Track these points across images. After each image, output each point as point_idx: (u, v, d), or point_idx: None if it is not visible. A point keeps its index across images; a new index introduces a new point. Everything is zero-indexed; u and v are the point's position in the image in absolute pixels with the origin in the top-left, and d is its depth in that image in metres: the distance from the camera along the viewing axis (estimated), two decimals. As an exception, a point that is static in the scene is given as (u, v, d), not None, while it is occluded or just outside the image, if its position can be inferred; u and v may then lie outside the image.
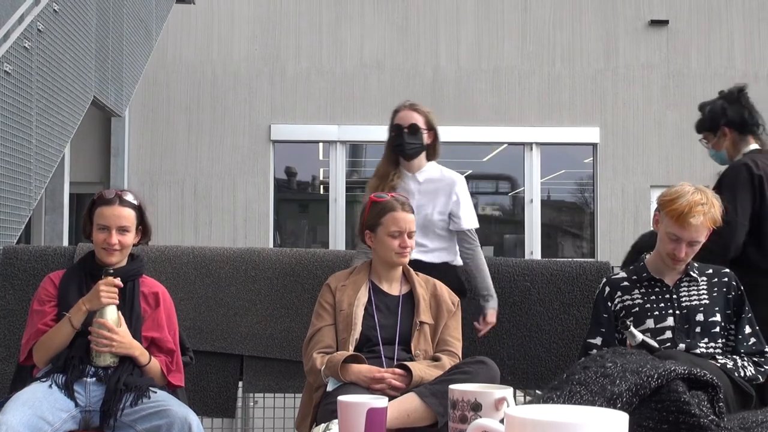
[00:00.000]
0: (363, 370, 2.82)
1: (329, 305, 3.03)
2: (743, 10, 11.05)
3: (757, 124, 3.54)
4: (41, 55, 5.35)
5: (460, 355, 3.04)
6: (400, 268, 3.11)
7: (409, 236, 3.04)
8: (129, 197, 2.98)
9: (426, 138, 3.60)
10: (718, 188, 3.40)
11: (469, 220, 3.62)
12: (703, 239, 2.97)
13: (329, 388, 2.82)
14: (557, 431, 1.15)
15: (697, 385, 1.88)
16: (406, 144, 3.56)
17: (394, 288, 3.09)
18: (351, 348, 2.92)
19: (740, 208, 3.35)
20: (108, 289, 2.80)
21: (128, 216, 2.94)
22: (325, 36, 10.82)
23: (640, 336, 2.83)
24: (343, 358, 2.82)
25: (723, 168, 3.64)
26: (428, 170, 3.64)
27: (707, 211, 2.92)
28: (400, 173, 3.59)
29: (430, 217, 3.54)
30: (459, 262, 3.66)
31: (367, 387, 2.77)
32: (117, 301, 2.84)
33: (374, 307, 3.01)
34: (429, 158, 3.66)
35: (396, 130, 3.61)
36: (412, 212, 3.09)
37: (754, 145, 3.52)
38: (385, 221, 3.05)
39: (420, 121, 3.59)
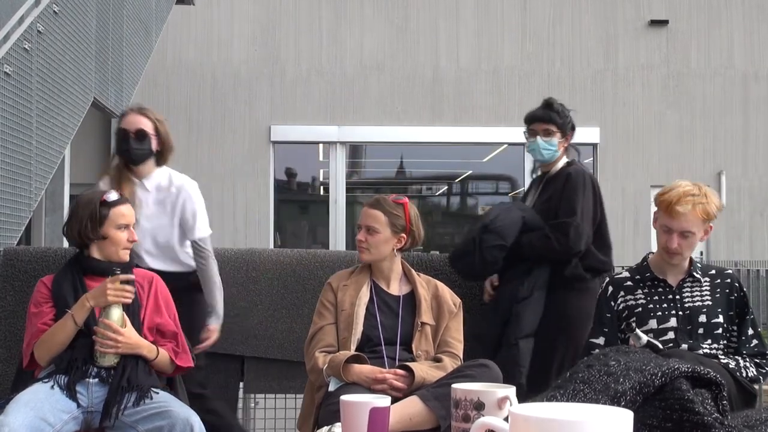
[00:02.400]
0: (365, 370, 2.81)
1: (331, 304, 3.03)
2: (743, 10, 11.05)
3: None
4: (41, 56, 5.35)
5: (461, 357, 3.04)
6: (399, 267, 3.11)
7: (368, 232, 3.03)
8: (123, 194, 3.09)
9: (154, 145, 3.53)
10: (563, 188, 3.59)
11: (199, 229, 3.57)
12: (695, 230, 2.95)
13: (331, 388, 2.82)
14: (562, 429, 1.14)
15: (700, 384, 1.88)
16: (132, 149, 3.48)
17: (394, 288, 3.09)
18: (352, 347, 2.92)
19: (585, 212, 3.53)
20: (115, 287, 2.80)
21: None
22: (324, 37, 10.82)
23: (645, 338, 2.82)
24: (345, 358, 2.82)
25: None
26: (156, 177, 3.57)
27: (698, 201, 2.92)
28: (129, 178, 3.52)
29: (161, 226, 3.51)
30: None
31: (369, 387, 2.76)
32: (128, 300, 2.84)
33: (376, 306, 3.00)
34: (159, 164, 3.59)
35: (122, 134, 3.51)
36: (381, 210, 3.07)
37: (565, 158, 3.76)
38: None
39: (148, 126, 3.52)
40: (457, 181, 12.04)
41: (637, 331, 2.84)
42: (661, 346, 2.84)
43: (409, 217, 3.09)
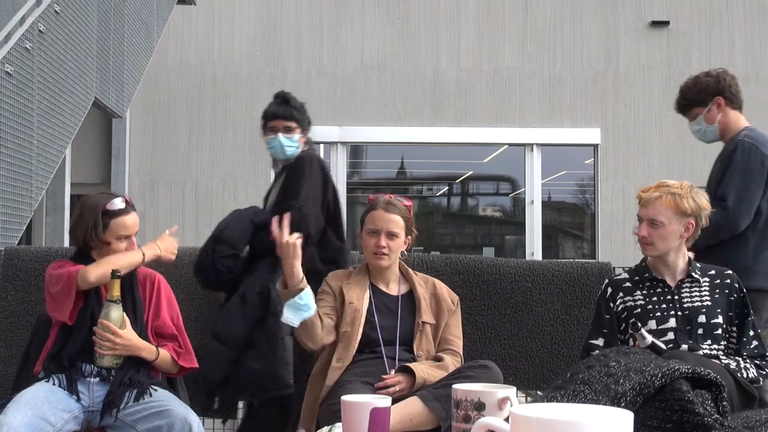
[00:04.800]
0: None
1: (329, 294, 3.01)
2: (744, 11, 11.06)
3: None
4: (42, 56, 5.35)
5: (462, 353, 3.04)
6: (397, 268, 3.10)
7: (389, 237, 2.98)
8: (130, 200, 3.02)
9: None
10: (296, 175, 3.53)
11: None
12: (663, 219, 2.94)
13: (284, 320, 2.76)
14: (562, 429, 1.14)
15: (701, 384, 1.88)
16: None
17: (392, 288, 3.08)
18: (354, 347, 2.91)
19: (310, 195, 3.48)
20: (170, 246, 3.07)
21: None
22: (325, 37, 10.83)
23: (650, 338, 2.81)
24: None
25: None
26: None
27: (669, 192, 2.94)
28: None
29: None
30: None
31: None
32: (172, 257, 3.05)
33: (375, 308, 3.00)
34: None
35: None
36: (399, 213, 3.04)
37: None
38: (367, 219, 3.04)
39: None
40: (457, 181, 12.03)
41: (642, 331, 2.83)
42: (664, 347, 2.84)
43: (412, 219, 3.10)
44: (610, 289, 3.10)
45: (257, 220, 3.53)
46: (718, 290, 3.01)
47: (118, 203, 2.94)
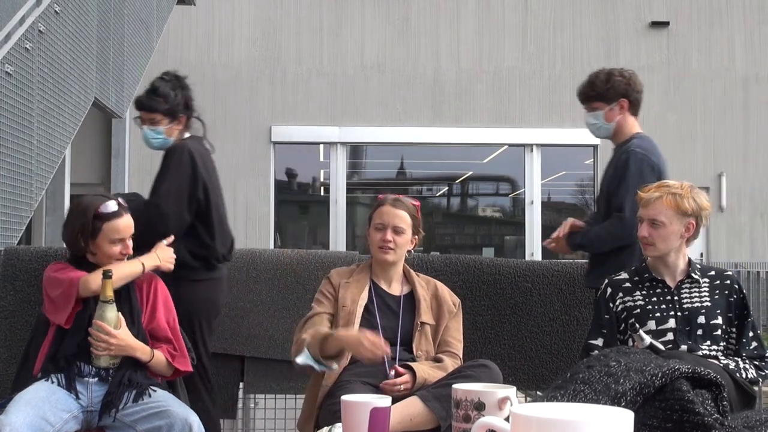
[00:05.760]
0: (351, 333, 2.72)
1: (330, 295, 3.01)
2: (743, 12, 11.06)
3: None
4: (42, 56, 5.36)
5: (461, 356, 3.04)
6: (401, 268, 3.10)
7: (395, 232, 2.99)
8: (123, 203, 2.99)
9: None
10: (161, 169, 3.39)
11: None
12: (664, 219, 2.95)
13: (300, 362, 2.76)
14: (563, 429, 1.14)
15: (701, 384, 1.88)
16: None
17: (394, 288, 3.08)
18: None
19: (172, 190, 3.33)
20: (164, 256, 3.07)
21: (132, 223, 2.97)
22: (325, 38, 10.83)
23: (648, 339, 2.81)
24: (325, 333, 2.76)
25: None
26: None
27: (669, 192, 2.94)
28: None
29: None
30: None
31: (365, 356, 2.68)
32: (170, 267, 3.05)
33: (376, 307, 3.00)
34: None
35: None
36: (406, 210, 3.05)
37: (188, 134, 3.55)
38: (374, 215, 3.06)
39: None
40: (457, 181, 12.04)
41: (641, 332, 2.83)
42: (663, 347, 2.84)
43: (419, 219, 3.10)
44: (609, 289, 3.10)
45: (130, 207, 3.43)
46: (717, 291, 3.02)
47: (111, 206, 2.88)
